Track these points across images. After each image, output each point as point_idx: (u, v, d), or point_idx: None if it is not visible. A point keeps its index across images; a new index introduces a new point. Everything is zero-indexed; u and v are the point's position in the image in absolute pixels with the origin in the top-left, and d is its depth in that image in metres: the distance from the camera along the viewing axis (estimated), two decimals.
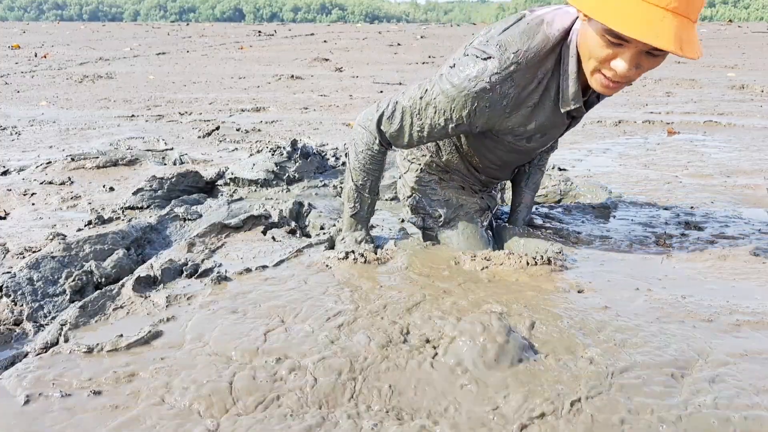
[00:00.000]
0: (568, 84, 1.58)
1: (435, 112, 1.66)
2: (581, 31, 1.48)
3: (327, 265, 1.81)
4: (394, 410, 1.15)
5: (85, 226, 2.27)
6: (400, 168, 2.08)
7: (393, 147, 1.85)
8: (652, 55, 1.38)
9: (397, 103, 1.74)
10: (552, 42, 1.55)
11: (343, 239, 1.95)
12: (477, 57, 1.58)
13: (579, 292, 1.63)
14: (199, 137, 4.17)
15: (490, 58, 1.55)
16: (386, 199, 2.71)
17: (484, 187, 2.09)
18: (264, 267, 1.80)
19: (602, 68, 1.44)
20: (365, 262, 1.83)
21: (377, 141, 1.81)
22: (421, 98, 1.68)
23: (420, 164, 2.03)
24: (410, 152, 2.04)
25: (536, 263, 1.78)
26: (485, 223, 2.03)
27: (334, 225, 2.18)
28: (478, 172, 2.01)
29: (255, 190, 2.72)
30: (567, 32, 1.56)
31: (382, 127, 1.78)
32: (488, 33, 1.61)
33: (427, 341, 1.37)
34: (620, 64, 1.39)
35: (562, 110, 1.63)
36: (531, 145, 1.78)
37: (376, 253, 1.86)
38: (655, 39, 1.28)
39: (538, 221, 2.29)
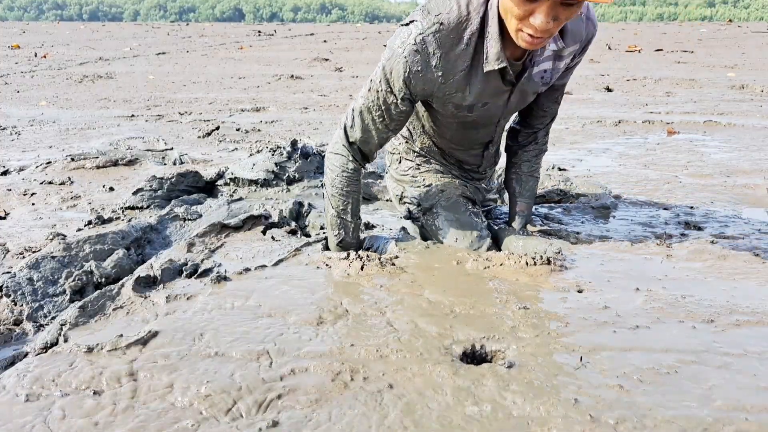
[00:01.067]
0: (491, 45, 1.62)
1: (383, 95, 1.70)
2: None
3: (327, 265, 1.81)
4: (394, 410, 1.15)
5: (85, 226, 2.27)
6: (387, 164, 2.18)
7: (368, 156, 1.85)
8: (567, 5, 1.41)
9: (353, 110, 1.79)
10: (475, 3, 1.60)
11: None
12: (402, 26, 1.65)
13: (579, 292, 1.63)
14: (199, 137, 4.17)
15: (413, 21, 1.62)
16: (387, 200, 2.71)
17: (464, 173, 2.12)
18: (263, 267, 1.80)
19: (522, 26, 1.47)
20: (363, 265, 1.83)
21: (350, 158, 1.83)
22: (369, 90, 1.73)
23: (399, 153, 2.12)
24: (390, 144, 2.12)
25: (535, 263, 1.78)
26: (473, 210, 2.03)
27: None
28: (446, 154, 2.07)
29: (255, 190, 2.72)
30: None
31: (350, 138, 1.80)
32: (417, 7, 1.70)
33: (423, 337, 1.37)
34: (538, 19, 1.42)
35: (485, 69, 1.65)
36: (473, 115, 1.81)
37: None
38: None
39: (538, 222, 2.29)
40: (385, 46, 1.71)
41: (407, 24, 1.63)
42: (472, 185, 2.13)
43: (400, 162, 2.13)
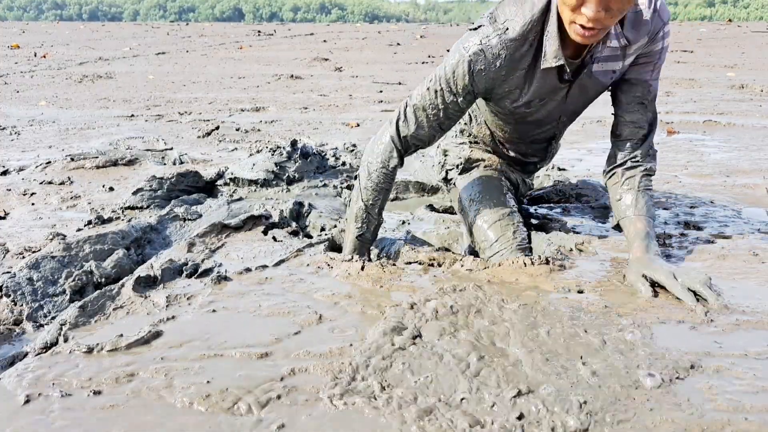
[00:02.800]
0: (549, 42, 1.65)
1: (442, 94, 1.74)
2: None
3: (329, 266, 1.81)
4: (394, 403, 1.15)
5: (85, 226, 2.27)
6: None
7: (414, 149, 1.87)
8: None
9: (406, 105, 1.81)
10: (540, 6, 1.64)
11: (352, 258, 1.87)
12: (470, 30, 1.70)
13: (579, 292, 1.63)
14: (199, 137, 4.17)
15: (481, 26, 1.68)
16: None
17: (516, 164, 2.17)
18: (264, 267, 1.80)
19: (575, 18, 1.49)
20: (363, 266, 1.83)
21: (395, 152, 1.84)
22: (428, 89, 1.76)
23: (455, 131, 2.18)
24: None
25: (533, 264, 1.78)
26: (508, 191, 2.06)
27: (335, 225, 2.18)
28: (502, 145, 2.09)
29: (255, 190, 2.72)
30: None
31: (401, 132, 1.82)
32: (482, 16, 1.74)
33: (428, 341, 1.37)
34: (588, 10, 1.45)
35: (543, 67, 1.68)
36: (531, 111, 1.84)
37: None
38: None
39: (536, 223, 2.29)
40: (448, 50, 1.78)
41: (475, 29, 1.69)
42: (522, 179, 2.19)
43: (453, 137, 2.20)
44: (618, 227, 1.91)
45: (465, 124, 2.15)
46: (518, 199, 2.24)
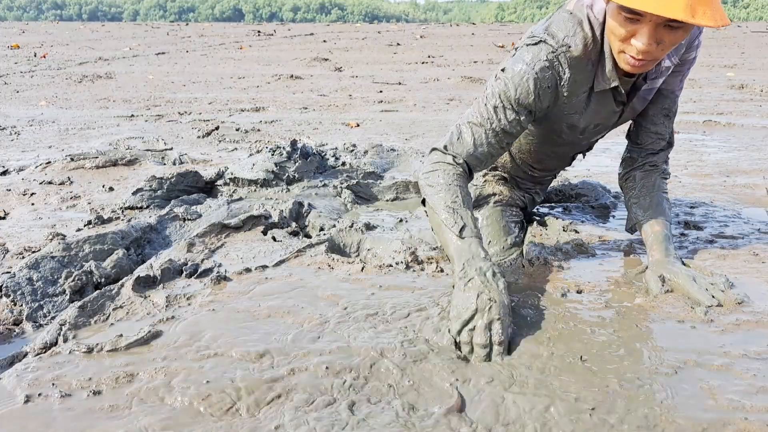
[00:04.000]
0: (605, 64, 1.60)
1: (504, 110, 1.62)
2: (607, 11, 1.50)
3: (329, 266, 1.81)
4: (392, 407, 1.15)
5: (85, 226, 2.27)
6: None
7: (473, 170, 1.70)
8: (671, 27, 1.38)
9: (459, 125, 1.69)
10: (597, 25, 1.58)
11: (466, 277, 1.45)
12: (528, 45, 1.61)
13: (578, 292, 1.63)
14: (199, 137, 4.17)
15: (542, 41, 1.59)
16: (387, 200, 2.71)
17: (536, 184, 2.15)
18: (264, 267, 1.80)
19: (625, 48, 1.46)
20: (363, 268, 1.82)
21: (452, 164, 1.65)
22: (485, 105, 1.64)
23: None
24: None
25: (531, 264, 1.78)
26: (513, 218, 2.04)
27: (334, 225, 2.18)
28: (530, 166, 2.05)
29: (255, 190, 2.72)
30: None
31: (454, 153, 1.66)
32: (533, 29, 1.65)
33: (426, 342, 1.37)
34: (639, 41, 1.40)
35: (596, 89, 1.64)
36: (584, 137, 1.82)
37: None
38: (663, 9, 1.29)
39: (538, 220, 2.29)
40: (503, 70, 1.63)
41: (535, 44, 1.59)
42: (530, 196, 2.16)
43: None
44: (632, 229, 1.89)
45: None
46: (530, 212, 2.23)
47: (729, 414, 1.12)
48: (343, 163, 3.08)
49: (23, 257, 1.94)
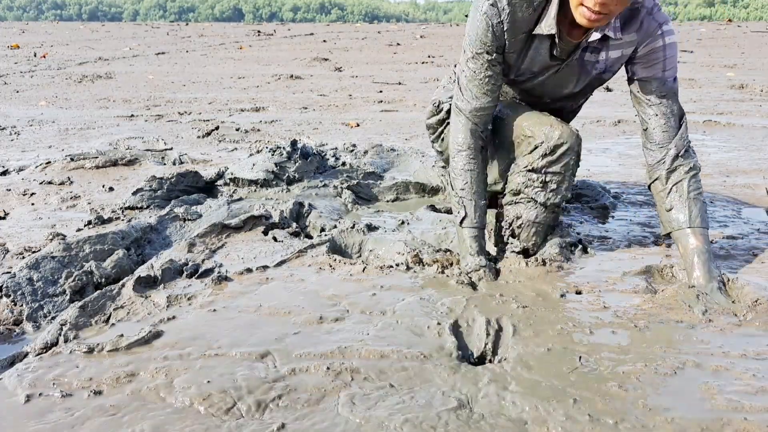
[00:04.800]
0: (549, 11, 1.69)
1: (482, 55, 1.77)
2: None
3: (330, 266, 1.81)
4: (392, 404, 1.15)
5: (85, 226, 2.27)
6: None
7: (485, 120, 1.86)
8: None
9: (458, 81, 1.86)
10: None
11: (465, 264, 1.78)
12: None
13: (577, 293, 1.63)
14: (199, 137, 4.17)
15: None
16: (387, 201, 2.71)
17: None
18: (265, 267, 1.80)
19: (584, 0, 1.52)
20: (364, 269, 1.83)
21: (468, 133, 1.84)
22: (467, 60, 1.81)
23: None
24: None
25: (527, 265, 1.78)
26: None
27: (335, 226, 2.18)
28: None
29: (255, 191, 2.72)
30: None
31: (463, 109, 1.84)
32: None
33: (426, 341, 1.37)
34: None
35: (534, 32, 1.72)
36: (526, 85, 1.89)
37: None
38: None
39: None
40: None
41: None
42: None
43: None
44: (668, 237, 1.82)
45: None
46: None
47: (728, 414, 1.12)
48: (343, 163, 3.08)
49: (23, 257, 1.94)
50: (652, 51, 1.77)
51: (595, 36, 1.70)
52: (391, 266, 1.81)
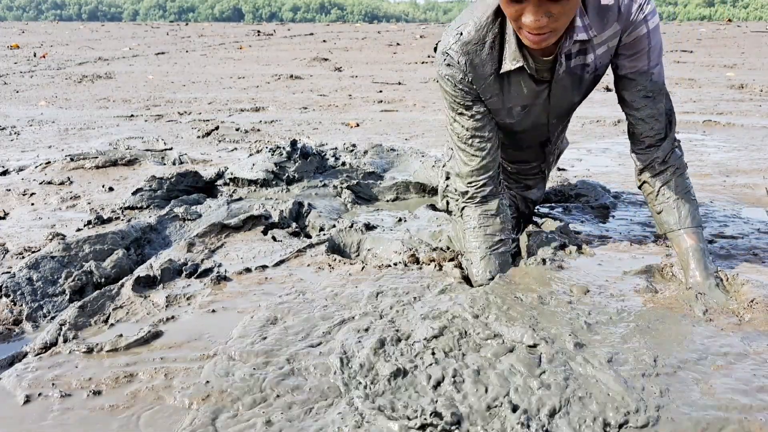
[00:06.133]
0: (508, 45, 1.62)
1: (461, 114, 1.72)
2: None
3: (330, 266, 1.81)
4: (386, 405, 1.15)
5: (85, 226, 2.27)
6: (443, 156, 2.15)
7: (486, 182, 1.77)
8: (554, 1, 1.38)
9: (452, 150, 1.81)
10: (492, 8, 1.60)
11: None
12: (436, 49, 1.71)
13: (577, 291, 1.63)
14: (199, 137, 4.17)
15: (439, 41, 1.69)
16: (387, 200, 2.71)
17: (521, 177, 2.10)
18: (264, 267, 1.80)
19: (520, 25, 1.45)
20: (365, 267, 1.82)
21: (465, 200, 1.78)
22: (451, 124, 1.76)
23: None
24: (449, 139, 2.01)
25: (531, 264, 1.78)
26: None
27: (334, 226, 2.18)
28: (504, 159, 2.02)
29: (254, 190, 2.72)
30: None
31: (463, 174, 1.77)
32: None
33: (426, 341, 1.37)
34: (527, 18, 1.41)
35: (502, 70, 1.65)
36: (516, 121, 1.79)
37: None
38: None
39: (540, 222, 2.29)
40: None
41: (437, 45, 1.70)
42: (522, 197, 2.11)
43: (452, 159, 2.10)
44: (664, 237, 1.82)
45: None
46: (527, 214, 2.19)
47: (729, 414, 1.12)
48: (343, 163, 3.08)
49: (23, 257, 1.94)
50: (636, 39, 1.65)
51: (569, 44, 1.59)
52: (389, 265, 1.81)
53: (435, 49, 1.72)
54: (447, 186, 2.10)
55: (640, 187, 1.84)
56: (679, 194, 1.74)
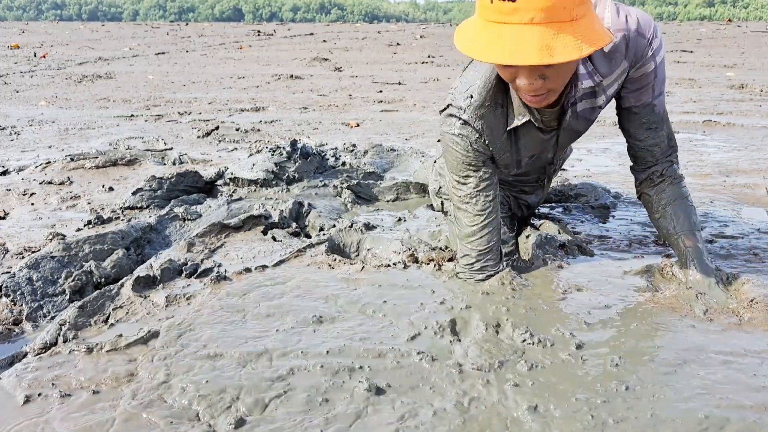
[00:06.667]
0: (513, 101, 1.60)
1: (467, 177, 1.68)
2: None
3: (329, 266, 1.81)
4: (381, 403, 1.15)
5: (85, 226, 2.27)
6: (436, 156, 2.13)
7: (493, 249, 1.71)
8: (546, 66, 1.34)
9: (456, 220, 1.74)
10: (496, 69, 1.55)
11: None
12: (442, 112, 1.67)
13: (578, 290, 1.63)
14: (199, 137, 4.17)
15: (450, 105, 1.64)
16: (386, 200, 2.71)
17: (511, 186, 2.08)
18: (264, 267, 1.80)
19: (517, 87, 1.44)
20: (363, 267, 1.82)
21: (473, 264, 1.70)
22: (453, 188, 1.71)
23: None
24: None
25: (531, 264, 1.78)
26: (504, 217, 1.95)
27: (334, 225, 2.18)
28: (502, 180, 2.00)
29: (254, 190, 2.72)
30: None
31: (473, 244, 1.70)
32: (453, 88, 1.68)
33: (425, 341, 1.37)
34: (521, 82, 1.39)
35: (508, 127, 1.63)
36: (526, 170, 1.80)
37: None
38: (515, 58, 1.26)
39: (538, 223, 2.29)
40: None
41: (445, 108, 1.65)
42: (515, 199, 2.10)
43: None
44: (665, 243, 1.83)
45: None
46: (525, 217, 2.19)
47: (729, 414, 1.12)
48: (343, 163, 3.08)
49: (23, 257, 1.94)
50: (643, 75, 1.65)
51: (575, 93, 1.57)
52: (389, 265, 1.80)
53: (441, 112, 1.67)
54: (440, 188, 2.10)
55: (639, 198, 1.86)
56: (677, 202, 1.75)
